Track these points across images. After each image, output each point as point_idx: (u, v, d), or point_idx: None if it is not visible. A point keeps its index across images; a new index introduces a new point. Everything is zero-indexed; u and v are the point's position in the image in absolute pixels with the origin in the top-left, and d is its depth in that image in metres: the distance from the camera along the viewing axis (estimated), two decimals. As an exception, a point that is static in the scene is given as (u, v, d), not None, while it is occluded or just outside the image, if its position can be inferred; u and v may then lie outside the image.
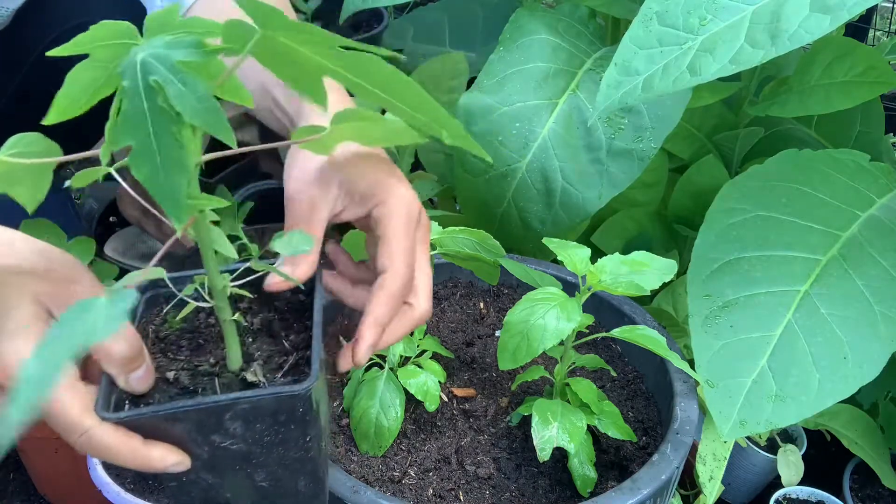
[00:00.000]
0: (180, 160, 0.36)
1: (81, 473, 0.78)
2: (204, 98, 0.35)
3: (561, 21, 1.01)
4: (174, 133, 0.35)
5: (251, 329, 0.53)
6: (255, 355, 0.51)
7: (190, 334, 0.53)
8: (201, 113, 0.35)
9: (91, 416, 0.47)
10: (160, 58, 0.35)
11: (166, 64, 0.35)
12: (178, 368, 0.50)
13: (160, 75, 0.35)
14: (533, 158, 0.92)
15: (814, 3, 0.65)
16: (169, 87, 0.35)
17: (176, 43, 0.35)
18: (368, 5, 1.07)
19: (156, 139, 0.35)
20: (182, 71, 0.35)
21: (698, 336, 0.75)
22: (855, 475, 1.01)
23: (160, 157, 0.35)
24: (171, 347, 0.52)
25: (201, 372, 0.50)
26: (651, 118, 0.92)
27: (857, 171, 0.84)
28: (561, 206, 0.93)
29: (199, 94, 0.35)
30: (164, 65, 0.35)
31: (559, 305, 0.65)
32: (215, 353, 0.51)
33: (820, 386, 0.71)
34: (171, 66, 0.35)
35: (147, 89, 0.35)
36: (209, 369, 0.50)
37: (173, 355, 0.51)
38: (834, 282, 0.75)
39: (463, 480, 0.66)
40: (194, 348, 0.52)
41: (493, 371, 0.77)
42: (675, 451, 0.64)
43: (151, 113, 0.35)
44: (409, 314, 0.58)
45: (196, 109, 0.35)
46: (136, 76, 0.35)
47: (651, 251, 0.69)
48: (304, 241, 0.48)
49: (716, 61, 0.67)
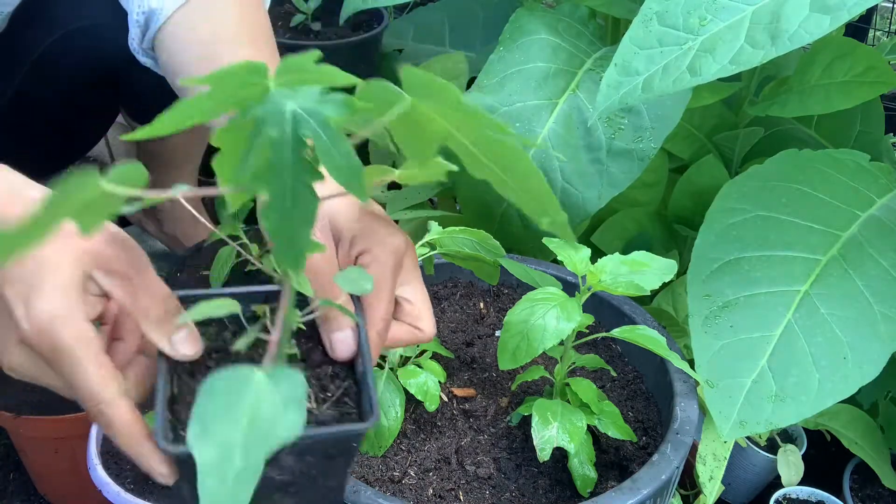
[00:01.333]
0: (311, 213, 0.35)
1: (81, 473, 0.78)
2: (347, 155, 0.35)
3: (561, 21, 1.01)
4: (310, 186, 0.35)
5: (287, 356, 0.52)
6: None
7: (217, 353, 0.51)
8: (345, 170, 0.35)
9: (109, 389, 0.46)
10: (312, 112, 0.34)
11: (317, 119, 0.34)
12: None
13: (311, 130, 0.34)
14: (533, 158, 0.92)
15: (814, 4, 0.65)
16: (318, 142, 0.34)
17: (327, 98, 0.35)
18: (368, 5, 1.07)
19: (292, 191, 0.35)
20: (331, 127, 0.34)
21: (698, 336, 0.75)
22: (855, 475, 1.01)
23: (293, 209, 0.35)
24: (201, 368, 0.50)
25: None
26: (651, 118, 0.92)
27: (857, 171, 0.84)
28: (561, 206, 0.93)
29: (344, 152, 0.35)
30: (316, 119, 0.34)
31: (559, 305, 0.65)
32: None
33: (820, 386, 0.71)
34: (322, 122, 0.34)
35: (295, 142, 0.34)
36: None
37: (202, 377, 0.49)
38: (834, 282, 0.76)
39: (463, 480, 0.67)
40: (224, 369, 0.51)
41: (493, 371, 0.77)
42: (675, 451, 0.64)
43: (294, 166, 0.34)
44: (418, 337, 0.59)
45: (340, 167, 0.35)
46: (285, 127, 0.34)
47: (651, 251, 0.69)
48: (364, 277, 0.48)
49: (716, 62, 0.67)
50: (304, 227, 0.36)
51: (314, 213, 0.36)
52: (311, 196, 0.35)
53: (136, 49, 0.83)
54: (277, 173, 0.35)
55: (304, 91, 0.35)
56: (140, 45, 0.83)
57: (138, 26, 0.80)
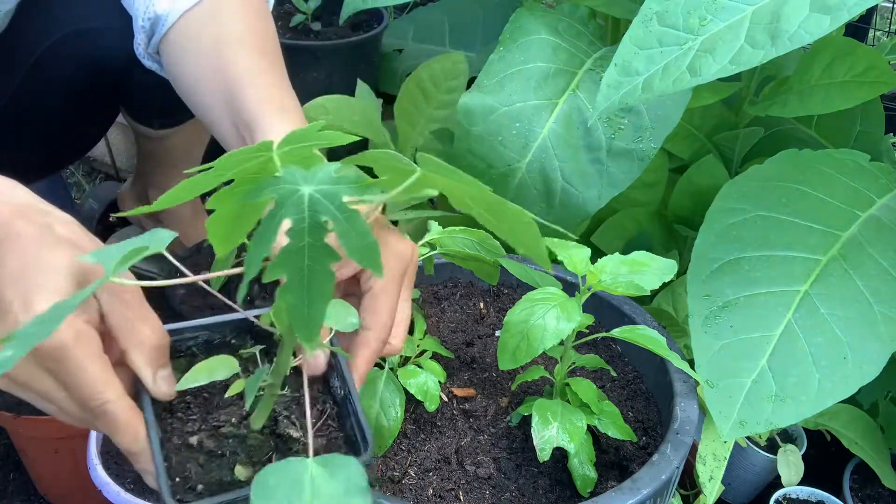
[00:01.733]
0: (327, 292, 0.36)
1: (81, 473, 0.78)
2: (364, 235, 0.35)
3: (561, 21, 1.01)
4: (326, 267, 0.35)
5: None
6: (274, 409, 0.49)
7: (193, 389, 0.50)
8: (362, 250, 0.35)
9: (113, 386, 0.46)
10: (329, 195, 0.35)
11: (334, 202, 0.34)
12: (196, 430, 0.48)
13: (329, 214, 0.34)
14: (533, 158, 0.92)
15: (814, 4, 0.65)
16: (337, 225, 0.34)
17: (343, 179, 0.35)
18: (368, 5, 1.07)
19: (309, 273, 0.35)
20: (348, 210, 0.35)
21: (698, 336, 0.75)
22: (855, 475, 1.01)
23: (309, 289, 0.35)
24: (178, 405, 0.49)
25: (224, 434, 0.48)
26: (651, 118, 0.92)
27: (857, 171, 0.84)
28: (561, 206, 0.93)
29: (361, 232, 0.35)
30: (333, 203, 0.34)
31: (559, 305, 0.65)
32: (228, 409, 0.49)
33: (820, 386, 0.71)
34: (339, 205, 0.35)
35: (312, 226, 0.34)
36: (233, 430, 0.48)
37: (184, 415, 0.49)
38: (834, 282, 0.75)
39: (463, 480, 0.67)
40: (202, 405, 0.50)
41: (493, 371, 0.77)
42: (675, 451, 0.64)
43: (311, 249, 0.35)
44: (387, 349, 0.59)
45: (358, 247, 0.35)
46: (304, 213, 0.34)
47: (651, 251, 0.69)
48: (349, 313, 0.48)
49: (716, 62, 0.67)
50: (321, 305, 0.36)
51: (331, 292, 0.36)
52: (328, 276, 0.35)
53: (141, 54, 0.84)
54: (295, 257, 0.35)
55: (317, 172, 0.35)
56: (146, 50, 0.83)
57: (144, 32, 0.80)
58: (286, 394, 0.51)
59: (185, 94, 0.80)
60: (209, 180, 0.38)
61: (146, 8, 0.78)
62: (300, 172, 0.35)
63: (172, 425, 0.48)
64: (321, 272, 0.35)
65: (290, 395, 0.50)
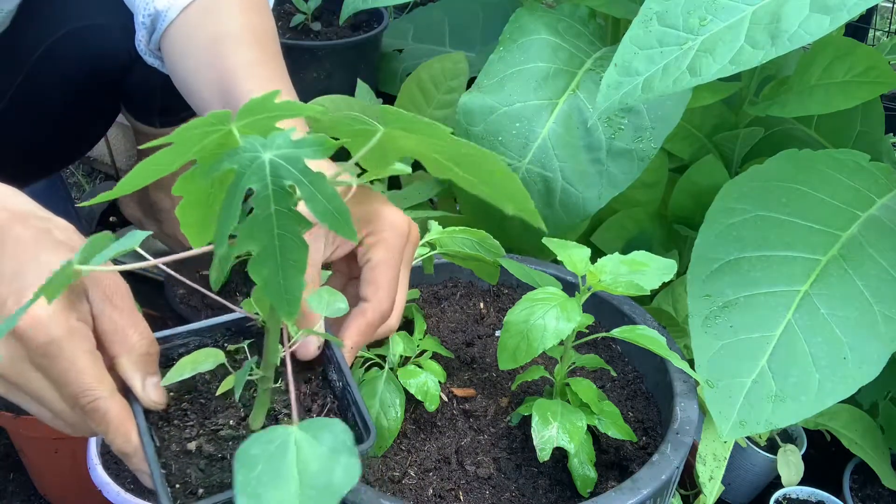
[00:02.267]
0: (301, 261, 0.35)
1: (81, 473, 0.78)
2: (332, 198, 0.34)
3: (561, 21, 1.01)
4: (297, 235, 0.34)
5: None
6: (273, 408, 0.48)
7: (189, 395, 0.50)
8: (331, 214, 0.34)
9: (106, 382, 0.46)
10: (290, 159, 0.33)
11: (297, 166, 0.33)
12: (195, 436, 0.47)
13: (292, 178, 0.33)
14: (533, 158, 0.92)
15: (814, 4, 0.65)
16: (302, 189, 0.33)
17: (303, 142, 0.34)
18: (368, 5, 1.07)
19: (280, 242, 0.34)
20: (312, 172, 0.33)
21: (698, 336, 0.75)
22: (855, 475, 1.01)
23: (282, 259, 0.34)
24: (173, 413, 0.49)
25: (224, 437, 0.47)
26: (651, 118, 0.92)
27: (857, 171, 0.84)
28: (561, 206, 0.93)
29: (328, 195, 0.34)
30: (296, 167, 0.33)
31: (559, 305, 0.65)
32: (227, 412, 0.48)
33: (820, 386, 0.71)
34: (302, 168, 0.33)
35: (277, 192, 0.33)
36: (232, 433, 0.47)
37: (180, 422, 0.48)
38: (834, 282, 0.76)
39: (463, 480, 0.66)
40: (199, 410, 0.49)
41: (493, 371, 0.77)
42: (675, 451, 0.64)
43: (279, 217, 0.34)
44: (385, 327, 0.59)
45: (326, 211, 0.34)
46: (266, 179, 0.33)
47: (651, 251, 0.69)
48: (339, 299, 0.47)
49: (716, 62, 0.67)
50: (296, 275, 0.35)
51: (305, 261, 0.35)
52: (300, 244, 0.34)
53: (143, 50, 0.84)
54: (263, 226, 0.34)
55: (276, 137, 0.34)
56: (147, 47, 0.83)
57: (145, 28, 0.81)
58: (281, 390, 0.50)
59: (183, 90, 0.80)
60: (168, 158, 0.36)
61: (146, 4, 0.78)
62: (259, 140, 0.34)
63: (170, 433, 0.47)
64: (292, 241, 0.34)
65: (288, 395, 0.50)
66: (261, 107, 0.35)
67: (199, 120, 0.35)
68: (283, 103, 0.36)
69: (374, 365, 0.70)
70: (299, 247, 0.34)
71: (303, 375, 0.52)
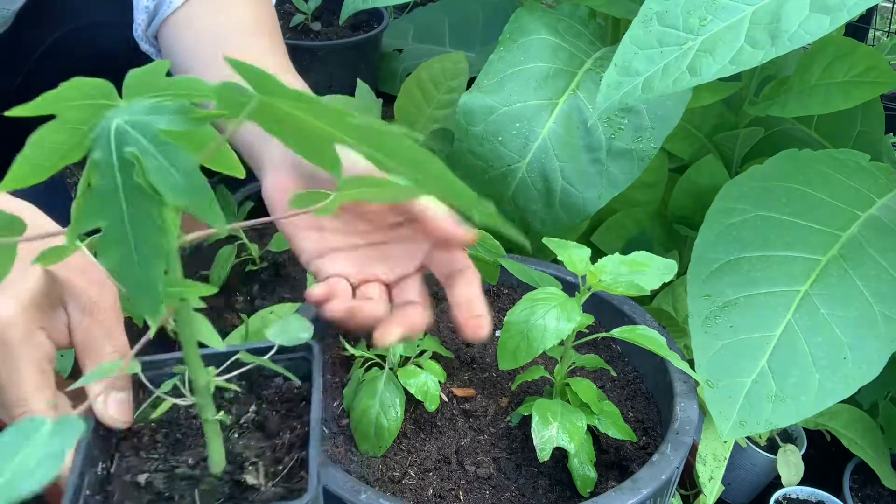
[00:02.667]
0: (158, 245, 0.30)
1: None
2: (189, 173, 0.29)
3: (561, 21, 1.01)
4: (153, 214, 0.30)
5: (238, 424, 0.47)
6: (243, 454, 0.45)
7: (167, 427, 0.47)
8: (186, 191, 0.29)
9: (39, 397, 0.45)
10: (140, 126, 0.29)
11: (147, 133, 0.29)
12: (151, 470, 0.44)
13: (139, 146, 0.29)
14: (533, 158, 0.92)
15: (814, 4, 0.65)
16: (149, 160, 0.29)
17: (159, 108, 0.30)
18: (368, 5, 1.07)
19: (130, 221, 0.30)
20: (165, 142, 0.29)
21: (698, 336, 0.75)
22: (855, 475, 1.01)
23: (134, 242, 0.30)
24: (145, 443, 0.46)
25: (179, 475, 0.44)
26: (651, 118, 0.92)
27: (857, 171, 0.84)
28: (561, 206, 0.93)
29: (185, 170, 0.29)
30: (145, 134, 0.29)
31: (559, 305, 0.65)
32: (195, 450, 0.45)
33: (820, 386, 0.71)
34: (153, 136, 0.29)
35: (122, 162, 0.29)
36: (188, 472, 0.44)
37: (146, 453, 0.45)
38: (834, 282, 0.76)
39: (463, 480, 0.66)
40: (172, 444, 0.46)
41: (493, 371, 0.77)
42: (675, 451, 0.64)
43: (126, 190, 0.29)
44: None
45: (180, 187, 0.29)
46: (110, 146, 0.29)
47: (651, 251, 0.69)
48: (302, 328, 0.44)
49: (716, 62, 0.67)
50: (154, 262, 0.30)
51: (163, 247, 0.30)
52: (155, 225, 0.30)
53: (139, 36, 0.84)
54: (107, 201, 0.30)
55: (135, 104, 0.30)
56: (144, 33, 0.83)
57: (147, 12, 0.80)
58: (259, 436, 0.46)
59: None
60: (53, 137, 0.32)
61: None
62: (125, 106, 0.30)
63: (130, 462, 0.45)
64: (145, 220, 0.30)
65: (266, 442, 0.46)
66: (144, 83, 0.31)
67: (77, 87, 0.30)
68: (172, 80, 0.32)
69: (374, 365, 0.70)
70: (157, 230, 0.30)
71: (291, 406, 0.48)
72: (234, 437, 0.46)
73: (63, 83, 0.30)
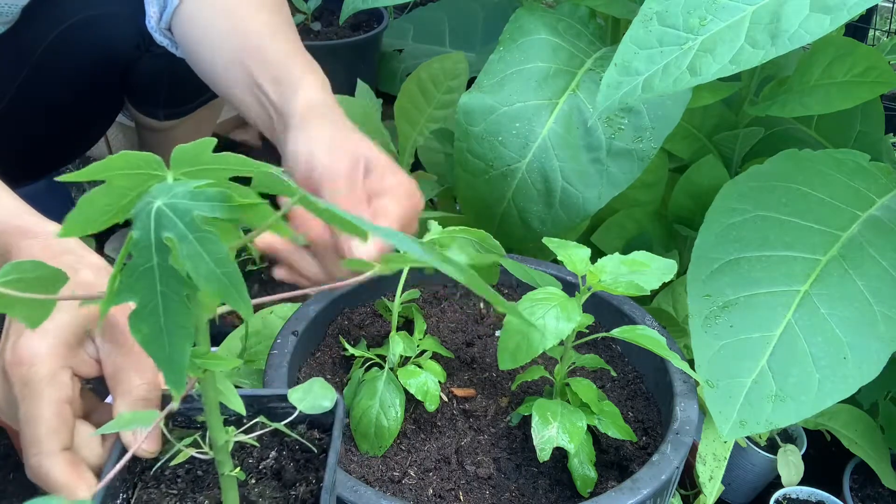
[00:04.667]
0: (187, 326, 0.31)
1: (81, 473, 0.78)
2: (222, 262, 0.30)
3: (561, 21, 1.01)
4: (184, 296, 0.31)
5: (257, 468, 0.47)
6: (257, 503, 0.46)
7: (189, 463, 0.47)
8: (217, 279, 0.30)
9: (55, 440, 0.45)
10: (179, 210, 0.30)
11: (185, 218, 0.30)
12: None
13: (176, 231, 0.30)
14: (533, 158, 0.92)
15: (814, 3, 0.65)
16: (184, 246, 0.30)
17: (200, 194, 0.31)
18: (368, 5, 1.07)
19: (162, 300, 0.31)
20: (202, 228, 0.30)
21: (698, 336, 0.75)
22: (855, 475, 1.01)
23: (164, 320, 0.31)
24: (167, 475, 0.46)
25: None
26: (651, 118, 0.92)
27: (857, 171, 0.84)
28: (561, 206, 0.93)
29: (218, 258, 0.30)
30: (183, 219, 0.30)
31: (559, 305, 0.65)
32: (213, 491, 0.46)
33: (820, 386, 0.71)
34: (190, 222, 0.30)
35: (159, 245, 0.30)
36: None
37: (166, 487, 0.46)
38: (834, 282, 0.75)
39: (463, 480, 0.66)
40: (191, 480, 0.46)
41: (493, 371, 0.77)
42: (675, 451, 0.64)
43: (161, 271, 0.30)
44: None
45: (212, 275, 0.30)
46: (149, 228, 0.30)
47: (651, 251, 0.69)
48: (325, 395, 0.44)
49: (716, 61, 0.67)
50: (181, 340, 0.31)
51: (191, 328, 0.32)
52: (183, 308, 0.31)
53: (153, 28, 0.84)
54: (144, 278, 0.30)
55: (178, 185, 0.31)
56: (158, 24, 0.83)
57: (157, 5, 0.81)
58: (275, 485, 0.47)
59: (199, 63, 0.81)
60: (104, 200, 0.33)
61: None
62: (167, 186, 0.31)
63: (150, 495, 0.45)
64: (174, 301, 0.31)
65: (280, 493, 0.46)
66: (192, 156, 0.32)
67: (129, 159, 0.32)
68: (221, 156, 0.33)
69: (374, 365, 0.70)
70: (182, 311, 0.31)
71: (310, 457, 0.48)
72: (251, 483, 0.46)
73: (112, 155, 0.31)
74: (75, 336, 0.47)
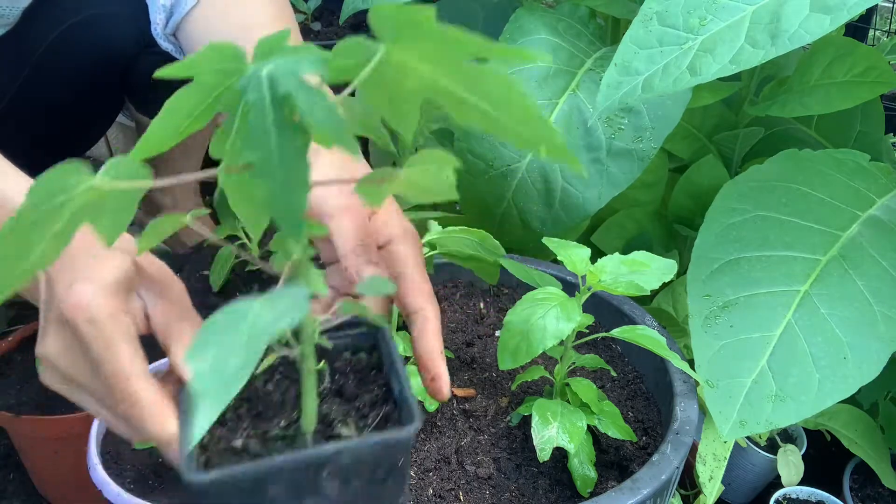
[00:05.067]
0: (303, 177, 0.34)
1: (81, 473, 0.78)
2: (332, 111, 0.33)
3: (561, 21, 1.01)
4: (299, 148, 0.33)
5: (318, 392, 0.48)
6: (329, 416, 0.47)
7: (247, 402, 0.48)
8: (329, 127, 0.33)
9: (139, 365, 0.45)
10: (287, 72, 0.33)
11: (294, 78, 0.33)
12: (244, 437, 0.45)
13: (290, 85, 0.33)
14: (533, 158, 0.92)
15: (814, 3, 0.65)
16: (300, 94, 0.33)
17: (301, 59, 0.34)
18: (368, 5, 1.07)
19: (279, 154, 0.33)
20: (309, 85, 0.33)
21: (698, 336, 0.75)
22: (855, 475, 1.01)
23: (283, 174, 0.33)
24: (230, 417, 0.47)
25: (272, 437, 0.45)
26: (651, 118, 0.92)
27: (857, 171, 0.84)
28: (561, 206, 0.93)
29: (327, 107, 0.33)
30: (292, 79, 0.33)
31: (559, 305, 0.65)
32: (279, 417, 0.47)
33: (820, 386, 0.71)
34: (298, 80, 0.33)
35: (275, 102, 0.33)
36: (281, 433, 0.46)
37: (233, 424, 0.46)
38: (834, 282, 0.76)
39: (463, 480, 0.66)
40: (254, 416, 0.47)
41: (493, 371, 0.77)
42: (675, 451, 0.64)
43: (277, 126, 0.33)
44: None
45: (324, 123, 0.33)
46: (263, 89, 0.33)
47: (651, 251, 0.69)
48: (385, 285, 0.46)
49: (716, 61, 0.67)
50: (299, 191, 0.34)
51: (306, 176, 0.34)
52: (301, 157, 0.34)
53: (158, 34, 0.84)
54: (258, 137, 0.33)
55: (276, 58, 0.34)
56: (163, 31, 0.84)
57: (164, 11, 0.81)
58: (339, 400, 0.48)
59: None
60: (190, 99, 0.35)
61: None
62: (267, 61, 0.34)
63: (218, 433, 0.46)
64: (293, 152, 0.33)
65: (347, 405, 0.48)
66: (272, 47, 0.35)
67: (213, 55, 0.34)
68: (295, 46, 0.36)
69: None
70: (301, 161, 0.34)
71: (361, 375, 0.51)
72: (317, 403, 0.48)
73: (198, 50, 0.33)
74: (126, 283, 0.47)
